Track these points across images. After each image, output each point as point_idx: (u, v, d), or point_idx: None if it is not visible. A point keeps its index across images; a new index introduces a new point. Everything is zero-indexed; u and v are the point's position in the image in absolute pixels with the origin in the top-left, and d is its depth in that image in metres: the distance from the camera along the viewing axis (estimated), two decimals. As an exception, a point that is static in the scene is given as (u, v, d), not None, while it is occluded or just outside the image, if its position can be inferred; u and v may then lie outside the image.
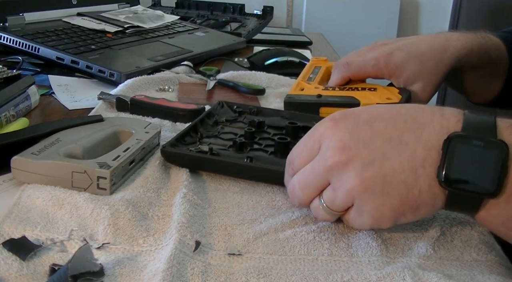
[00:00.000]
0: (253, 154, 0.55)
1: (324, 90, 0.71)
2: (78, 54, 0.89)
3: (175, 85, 0.85)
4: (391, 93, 0.69)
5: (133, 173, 0.53)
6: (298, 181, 0.44)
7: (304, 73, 0.80)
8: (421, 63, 0.69)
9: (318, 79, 0.76)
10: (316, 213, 0.44)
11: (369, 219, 0.41)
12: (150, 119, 0.68)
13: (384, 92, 0.69)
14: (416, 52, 0.69)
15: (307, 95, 0.71)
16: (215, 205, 0.49)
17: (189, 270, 0.39)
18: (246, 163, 0.53)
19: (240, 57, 1.10)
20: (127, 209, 0.45)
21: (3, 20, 0.99)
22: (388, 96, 0.68)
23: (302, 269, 0.40)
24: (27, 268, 0.38)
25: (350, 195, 0.41)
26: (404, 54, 0.69)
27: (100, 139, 0.55)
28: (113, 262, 0.40)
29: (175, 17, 1.27)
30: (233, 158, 0.54)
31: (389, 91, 0.70)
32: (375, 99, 0.68)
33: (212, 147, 0.55)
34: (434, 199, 0.40)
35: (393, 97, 0.68)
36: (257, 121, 0.63)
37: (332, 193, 0.42)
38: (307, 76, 0.78)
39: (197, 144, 0.58)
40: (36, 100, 0.73)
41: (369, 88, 0.71)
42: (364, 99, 0.67)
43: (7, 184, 0.50)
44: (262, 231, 0.45)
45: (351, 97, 0.68)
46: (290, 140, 0.56)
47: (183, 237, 0.42)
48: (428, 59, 0.69)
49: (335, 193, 0.42)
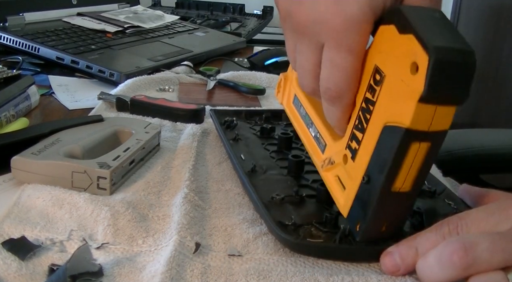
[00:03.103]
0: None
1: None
2: (78, 54, 0.89)
3: (175, 85, 0.85)
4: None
5: (133, 173, 0.53)
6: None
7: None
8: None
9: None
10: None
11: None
12: (150, 119, 0.68)
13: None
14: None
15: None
16: (216, 205, 0.49)
17: (189, 271, 0.39)
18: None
19: (240, 57, 1.10)
20: (127, 210, 0.45)
21: (3, 20, 0.99)
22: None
23: (303, 270, 0.40)
24: (26, 268, 0.38)
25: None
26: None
27: (100, 139, 0.55)
28: (112, 262, 0.40)
29: (175, 17, 1.27)
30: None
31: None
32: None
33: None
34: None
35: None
36: (285, 137, 0.59)
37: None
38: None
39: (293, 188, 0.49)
40: (36, 100, 0.72)
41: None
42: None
43: (7, 184, 0.50)
44: (262, 231, 0.45)
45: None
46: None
47: (183, 238, 0.42)
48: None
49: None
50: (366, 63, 0.40)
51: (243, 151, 0.57)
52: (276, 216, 0.43)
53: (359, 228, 0.40)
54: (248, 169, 0.52)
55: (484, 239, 0.36)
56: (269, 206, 0.45)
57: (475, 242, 0.36)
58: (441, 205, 0.48)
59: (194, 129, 0.64)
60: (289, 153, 0.56)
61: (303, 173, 0.53)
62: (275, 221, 0.42)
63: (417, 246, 0.39)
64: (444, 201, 0.49)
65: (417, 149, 0.37)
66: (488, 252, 0.35)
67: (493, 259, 0.35)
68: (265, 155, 0.57)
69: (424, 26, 0.35)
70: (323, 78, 0.41)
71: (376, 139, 0.38)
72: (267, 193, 0.47)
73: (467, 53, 0.34)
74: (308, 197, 0.48)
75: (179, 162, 0.56)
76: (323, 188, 0.47)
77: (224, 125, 0.64)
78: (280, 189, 0.48)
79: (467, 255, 0.35)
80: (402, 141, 0.36)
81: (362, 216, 0.40)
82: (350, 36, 0.39)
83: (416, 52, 0.34)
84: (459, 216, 0.40)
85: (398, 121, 0.36)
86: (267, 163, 0.54)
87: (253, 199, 0.47)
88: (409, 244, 0.39)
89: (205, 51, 1.05)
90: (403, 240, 0.40)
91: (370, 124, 0.39)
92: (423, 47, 0.34)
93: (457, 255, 0.35)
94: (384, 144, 0.38)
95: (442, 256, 0.36)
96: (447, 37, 0.35)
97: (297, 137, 0.61)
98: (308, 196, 0.48)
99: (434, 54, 0.33)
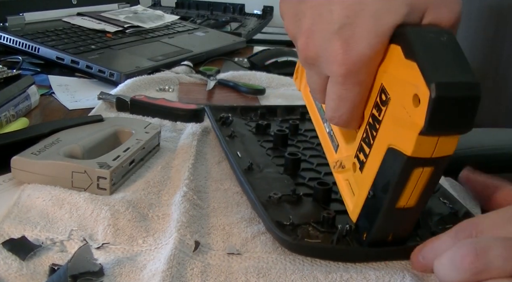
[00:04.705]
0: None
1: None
2: (78, 54, 0.89)
3: (175, 85, 0.86)
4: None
5: (133, 173, 0.53)
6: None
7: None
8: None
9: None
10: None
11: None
12: (150, 119, 0.68)
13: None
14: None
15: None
16: (214, 204, 0.49)
17: (189, 270, 0.39)
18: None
19: (240, 57, 1.10)
20: (127, 209, 0.45)
21: (3, 20, 0.99)
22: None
23: (302, 268, 0.40)
24: (27, 268, 0.38)
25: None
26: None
27: (100, 139, 0.55)
28: (112, 262, 0.40)
29: (175, 17, 1.27)
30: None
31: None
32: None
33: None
34: None
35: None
36: (281, 134, 0.59)
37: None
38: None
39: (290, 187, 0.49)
40: (36, 100, 0.73)
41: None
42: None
43: (7, 184, 0.50)
44: (260, 230, 0.45)
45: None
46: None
47: (183, 236, 0.42)
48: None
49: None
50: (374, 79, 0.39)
51: (239, 148, 0.57)
52: (274, 215, 0.44)
53: (366, 237, 0.41)
54: (245, 166, 0.52)
55: (497, 244, 0.34)
56: (266, 205, 0.45)
57: (487, 246, 0.34)
58: (436, 203, 0.48)
59: (194, 129, 0.64)
60: (285, 150, 0.56)
61: (300, 170, 0.53)
62: (273, 220, 0.43)
63: (435, 248, 0.38)
64: (439, 199, 0.49)
65: (420, 173, 0.37)
66: (501, 259, 0.34)
67: (506, 266, 0.34)
68: (261, 152, 0.57)
69: (428, 55, 0.34)
70: (328, 107, 0.41)
71: (381, 159, 0.38)
72: (265, 191, 0.47)
73: (471, 87, 0.33)
74: (305, 195, 0.48)
75: (179, 161, 0.56)
76: (320, 187, 0.47)
77: (219, 122, 0.64)
78: (277, 188, 0.48)
79: (478, 260, 0.34)
80: (405, 166, 0.36)
81: (368, 227, 0.40)
82: (360, 74, 0.38)
83: (419, 85, 0.33)
84: (476, 221, 0.39)
85: (401, 147, 0.36)
86: (264, 160, 0.55)
87: (251, 198, 0.47)
88: (430, 246, 0.39)
89: (205, 51, 1.05)
90: (424, 242, 0.40)
91: (376, 141, 0.39)
92: (425, 81, 0.33)
93: (468, 260, 0.34)
94: (388, 165, 0.37)
95: (454, 259, 0.35)
96: (451, 68, 0.33)
97: (293, 134, 0.61)
98: (305, 194, 0.48)
99: (436, 91, 0.32)
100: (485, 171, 1.04)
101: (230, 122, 0.64)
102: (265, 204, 0.45)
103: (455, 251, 0.35)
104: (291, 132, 0.61)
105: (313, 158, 0.56)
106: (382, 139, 0.38)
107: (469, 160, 1.03)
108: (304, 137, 0.61)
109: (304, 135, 0.62)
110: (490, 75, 2.10)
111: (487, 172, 0.97)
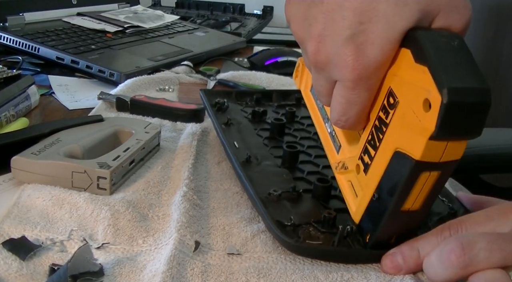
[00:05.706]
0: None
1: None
2: (78, 54, 0.89)
3: (175, 85, 0.85)
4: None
5: (133, 173, 0.53)
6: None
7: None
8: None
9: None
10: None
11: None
12: (150, 119, 0.68)
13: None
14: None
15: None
16: (214, 205, 0.49)
17: (189, 270, 0.39)
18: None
19: (240, 57, 1.10)
20: (127, 209, 0.45)
21: (3, 20, 0.99)
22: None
23: (302, 268, 0.40)
24: (27, 268, 0.38)
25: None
26: None
27: (100, 139, 0.55)
28: (112, 262, 0.40)
29: (175, 17, 1.27)
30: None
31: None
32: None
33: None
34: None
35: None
36: (278, 124, 0.58)
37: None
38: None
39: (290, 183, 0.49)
40: (36, 100, 0.73)
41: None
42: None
43: (7, 184, 0.50)
44: (260, 229, 0.45)
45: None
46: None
47: (183, 236, 0.42)
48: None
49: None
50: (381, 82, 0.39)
51: (236, 138, 0.56)
52: (274, 214, 0.43)
53: (369, 239, 0.41)
54: (243, 159, 0.52)
55: (482, 238, 0.36)
56: (266, 203, 0.45)
57: (473, 241, 0.36)
58: (435, 202, 0.48)
59: (194, 129, 0.64)
60: (282, 140, 0.56)
61: (298, 163, 0.53)
62: (273, 220, 0.43)
63: (419, 248, 0.39)
64: (438, 197, 0.49)
65: (427, 177, 0.37)
66: (486, 251, 0.35)
67: (491, 258, 0.35)
68: (259, 142, 0.56)
69: (439, 59, 0.34)
70: (334, 110, 0.40)
71: (387, 161, 0.38)
72: (264, 187, 0.47)
73: (482, 92, 0.33)
74: (304, 192, 0.47)
75: (179, 161, 0.56)
76: (319, 184, 0.47)
77: (215, 107, 0.63)
78: (276, 183, 0.48)
79: (464, 254, 0.35)
80: (412, 170, 0.36)
81: (371, 229, 0.40)
82: (371, 80, 0.38)
83: (430, 89, 0.33)
84: (460, 219, 0.40)
85: (409, 151, 0.36)
86: (261, 152, 0.54)
87: (250, 195, 0.47)
88: (412, 246, 0.40)
89: (205, 51, 1.05)
90: (405, 242, 0.40)
91: (383, 144, 0.39)
92: (437, 86, 0.32)
93: (455, 254, 0.36)
94: (394, 168, 0.37)
95: (441, 255, 0.37)
96: (463, 73, 0.33)
97: (290, 121, 0.61)
98: (304, 191, 0.48)
99: (448, 96, 0.32)
100: (485, 171, 1.04)
101: (226, 108, 0.63)
102: (265, 201, 0.45)
103: (442, 247, 0.37)
104: (288, 120, 0.61)
105: (310, 148, 0.55)
106: (389, 142, 0.38)
107: (469, 160, 1.03)
108: (301, 126, 0.61)
109: (301, 123, 0.61)
110: (490, 75, 2.11)
111: (487, 172, 0.97)
